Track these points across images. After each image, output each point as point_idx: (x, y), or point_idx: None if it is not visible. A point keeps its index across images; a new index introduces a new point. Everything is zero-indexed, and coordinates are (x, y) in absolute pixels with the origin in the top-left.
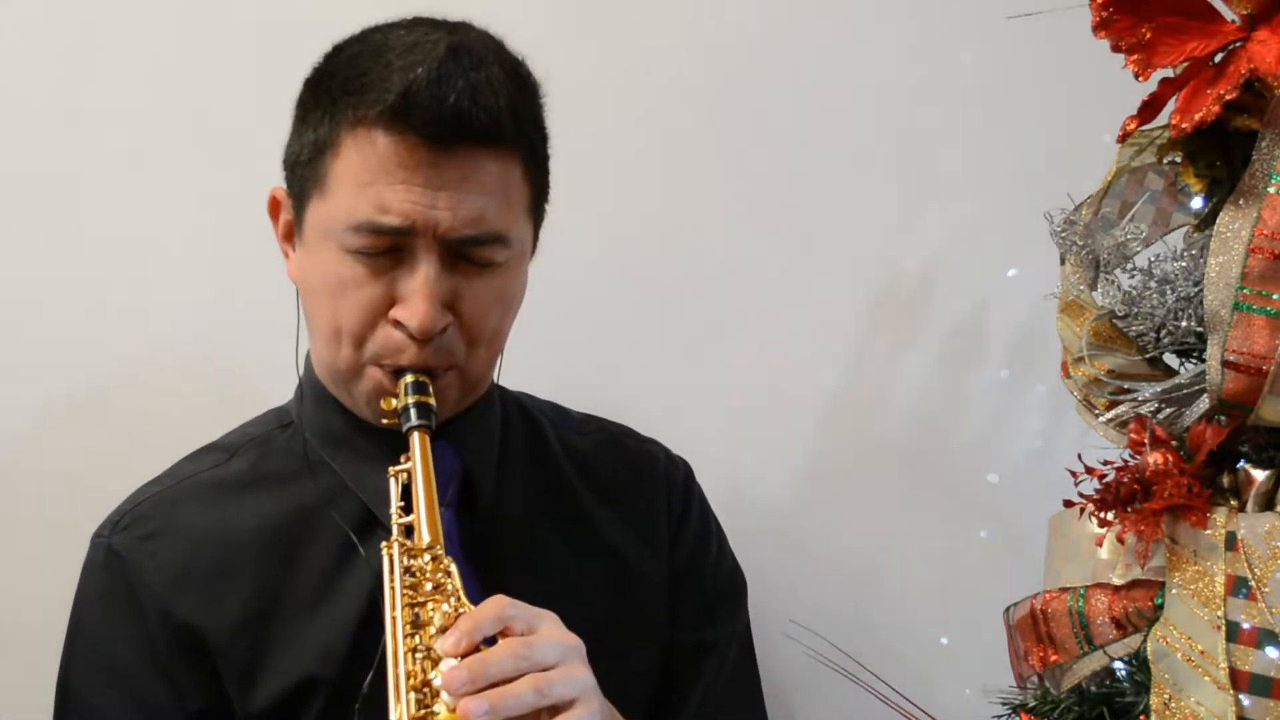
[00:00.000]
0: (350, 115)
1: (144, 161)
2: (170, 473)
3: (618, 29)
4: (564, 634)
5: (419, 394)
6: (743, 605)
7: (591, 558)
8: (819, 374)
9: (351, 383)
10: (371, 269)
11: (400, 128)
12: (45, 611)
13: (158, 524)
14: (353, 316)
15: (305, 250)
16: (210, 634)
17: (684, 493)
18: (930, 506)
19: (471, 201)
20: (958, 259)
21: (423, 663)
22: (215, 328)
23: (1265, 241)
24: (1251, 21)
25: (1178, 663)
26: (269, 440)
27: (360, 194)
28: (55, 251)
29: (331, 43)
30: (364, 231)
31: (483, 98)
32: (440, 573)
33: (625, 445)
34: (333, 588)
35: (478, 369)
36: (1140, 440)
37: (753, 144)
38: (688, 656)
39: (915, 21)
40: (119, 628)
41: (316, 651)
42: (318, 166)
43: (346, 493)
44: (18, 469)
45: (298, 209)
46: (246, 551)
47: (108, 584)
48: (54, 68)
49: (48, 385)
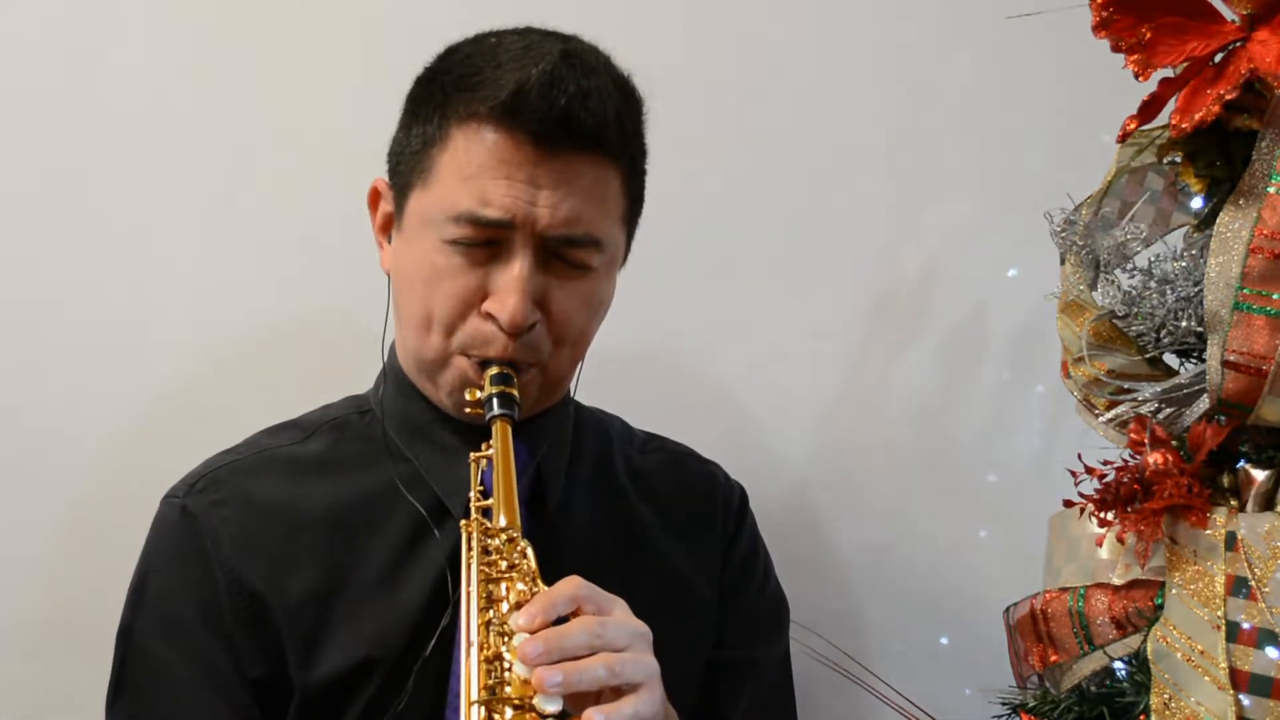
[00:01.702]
0: (461, 110)
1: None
2: (247, 444)
3: (617, 29)
4: (634, 620)
5: (503, 385)
6: (785, 631)
7: (646, 571)
8: (819, 374)
9: (437, 372)
10: (468, 260)
11: (509, 125)
12: (46, 612)
13: (231, 491)
14: (445, 305)
15: (403, 240)
16: (275, 604)
17: (738, 515)
18: (930, 506)
19: (570, 203)
20: (958, 259)
21: (495, 637)
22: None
23: (1265, 241)
24: (1251, 21)
25: (1178, 663)
26: (346, 424)
27: (464, 186)
28: (74, 252)
29: (437, 43)
30: (464, 222)
31: (592, 104)
32: (516, 553)
33: (686, 465)
34: (398, 574)
35: (560, 370)
36: (1140, 440)
37: (752, 143)
38: (729, 673)
39: (915, 21)
40: (186, 585)
41: (377, 635)
42: (424, 158)
43: (419, 482)
44: (19, 469)
45: (399, 200)
46: (316, 530)
47: (179, 542)
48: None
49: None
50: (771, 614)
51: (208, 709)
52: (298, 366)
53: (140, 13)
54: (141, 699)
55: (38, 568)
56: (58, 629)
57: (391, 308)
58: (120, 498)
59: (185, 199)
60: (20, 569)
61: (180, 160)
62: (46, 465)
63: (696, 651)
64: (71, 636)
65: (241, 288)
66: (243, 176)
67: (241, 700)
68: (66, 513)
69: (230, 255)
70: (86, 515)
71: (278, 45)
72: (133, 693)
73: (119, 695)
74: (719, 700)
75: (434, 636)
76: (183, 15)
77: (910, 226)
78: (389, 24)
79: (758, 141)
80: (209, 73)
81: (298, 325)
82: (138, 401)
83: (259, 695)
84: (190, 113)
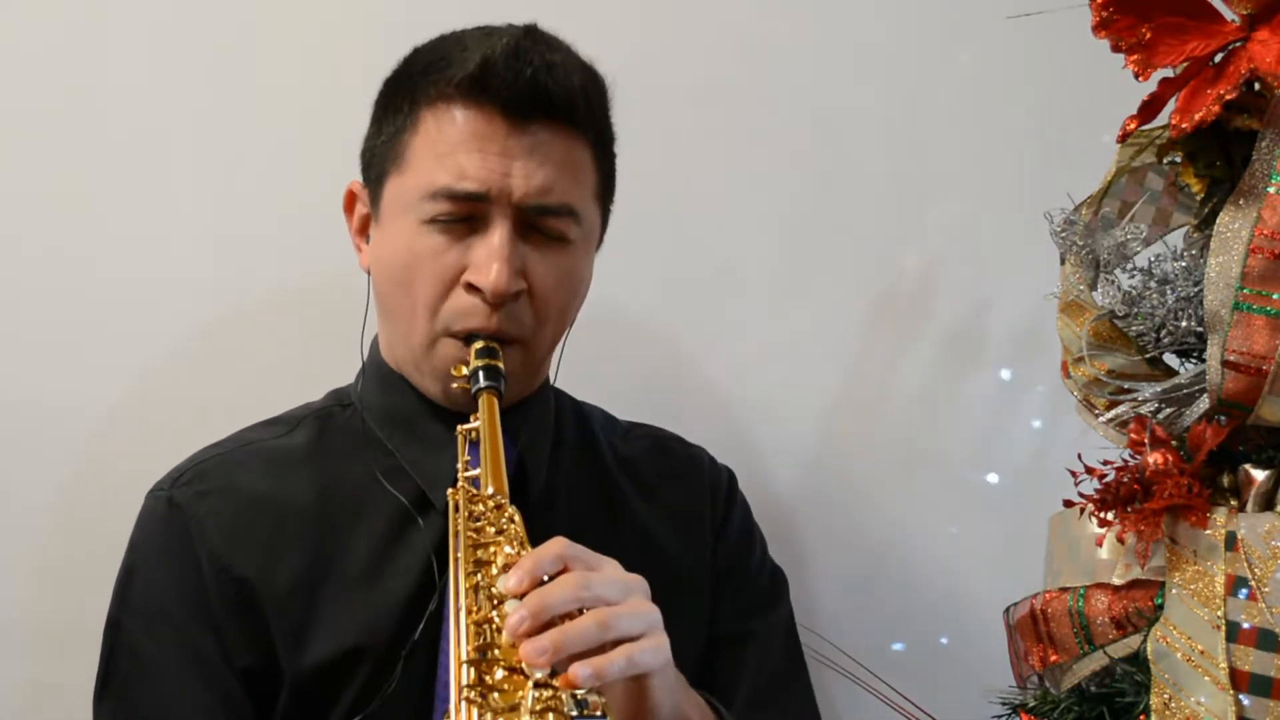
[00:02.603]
0: (431, 93)
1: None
2: (233, 438)
3: (616, 28)
4: (626, 573)
5: (489, 358)
6: (784, 598)
7: (636, 554)
8: (819, 374)
9: (424, 358)
10: (447, 238)
11: (479, 99)
12: (34, 610)
13: (218, 482)
14: (427, 286)
15: (381, 231)
16: (264, 592)
17: (727, 498)
18: (930, 506)
19: (544, 172)
20: (958, 259)
21: (484, 600)
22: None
23: (1265, 241)
24: (1251, 21)
25: (1178, 663)
26: (329, 415)
27: (438, 163)
28: (58, 248)
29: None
30: (440, 198)
31: (558, 75)
32: (504, 519)
33: (671, 449)
34: (383, 564)
35: (542, 347)
36: (1140, 440)
37: (752, 144)
38: (729, 647)
39: (915, 21)
40: (173, 576)
41: (365, 623)
42: (396, 145)
43: (402, 474)
44: (18, 469)
45: (375, 193)
46: (302, 519)
47: (165, 534)
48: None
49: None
50: (769, 588)
51: (196, 700)
52: (283, 362)
53: (140, 12)
54: (129, 691)
55: (24, 566)
56: (45, 627)
57: (372, 304)
58: (115, 493)
59: (175, 194)
60: (16, 567)
61: (170, 153)
62: (31, 462)
63: (690, 632)
64: (58, 634)
65: (229, 285)
66: (230, 170)
67: (230, 690)
68: (52, 510)
69: (216, 251)
70: (72, 513)
71: (276, 40)
72: (121, 685)
73: (107, 688)
74: (726, 673)
75: (422, 621)
76: (183, 11)
77: (910, 226)
78: (388, 18)
79: (758, 141)
80: (203, 65)
81: (284, 322)
82: (122, 399)
83: (249, 684)
84: (182, 105)
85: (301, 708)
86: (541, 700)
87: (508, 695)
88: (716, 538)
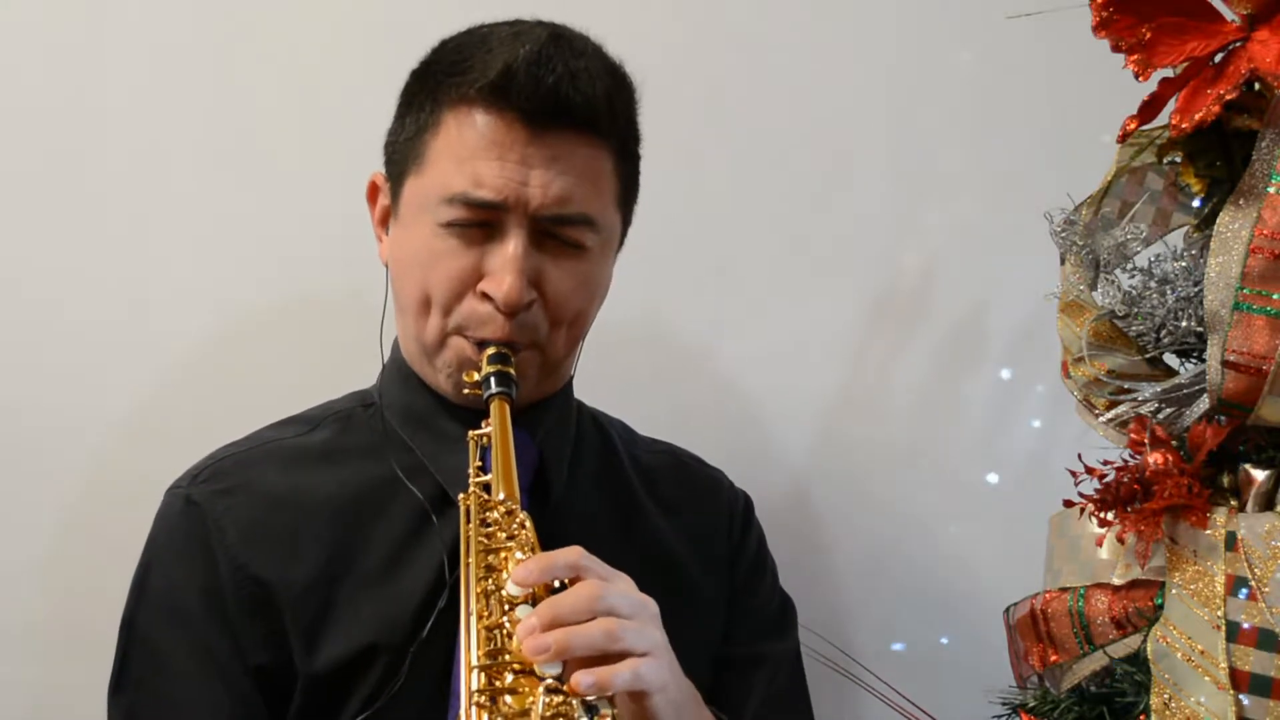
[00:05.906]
0: (453, 94)
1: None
2: (252, 437)
3: (616, 28)
4: (640, 593)
5: (501, 364)
6: (793, 627)
7: (652, 565)
8: (819, 374)
9: (435, 354)
10: (463, 242)
11: (499, 105)
12: (45, 611)
13: (236, 481)
14: (442, 287)
15: (400, 227)
16: (280, 591)
17: (744, 521)
18: (930, 506)
19: (562, 182)
20: (958, 259)
21: (495, 605)
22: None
23: (1265, 241)
24: (1251, 21)
25: (1178, 663)
26: (351, 416)
27: (457, 168)
28: (70, 249)
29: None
30: (457, 204)
31: (581, 83)
32: (515, 525)
33: (691, 467)
34: (401, 561)
35: (558, 351)
36: (1140, 440)
37: (752, 143)
38: (739, 669)
39: (915, 21)
40: (190, 574)
41: (381, 620)
42: (417, 145)
43: (422, 471)
44: (17, 470)
45: (395, 189)
46: (320, 517)
47: (182, 531)
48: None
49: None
50: (778, 615)
51: (209, 698)
52: (298, 362)
53: (139, 10)
54: (143, 689)
55: (36, 567)
56: (56, 628)
57: (390, 298)
58: (120, 495)
59: (183, 194)
60: (19, 568)
61: (179, 153)
62: (45, 463)
63: (701, 649)
64: (70, 636)
65: (240, 283)
66: (241, 170)
67: (243, 689)
68: (65, 511)
69: (228, 251)
70: (85, 513)
71: (279, 37)
72: (135, 683)
73: (121, 685)
74: (733, 695)
75: (431, 619)
76: (181, 9)
77: (910, 226)
78: (391, 17)
79: (758, 141)
80: (208, 64)
81: (298, 321)
82: (136, 399)
83: (262, 683)
84: (189, 105)
85: (316, 705)
86: (552, 706)
87: (519, 700)
88: (732, 559)
